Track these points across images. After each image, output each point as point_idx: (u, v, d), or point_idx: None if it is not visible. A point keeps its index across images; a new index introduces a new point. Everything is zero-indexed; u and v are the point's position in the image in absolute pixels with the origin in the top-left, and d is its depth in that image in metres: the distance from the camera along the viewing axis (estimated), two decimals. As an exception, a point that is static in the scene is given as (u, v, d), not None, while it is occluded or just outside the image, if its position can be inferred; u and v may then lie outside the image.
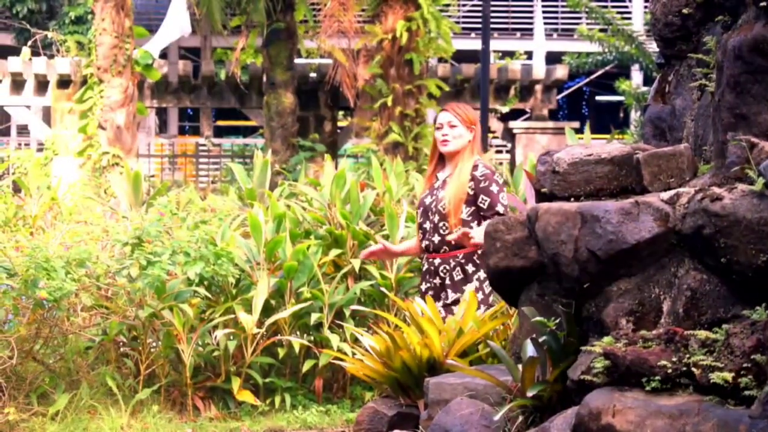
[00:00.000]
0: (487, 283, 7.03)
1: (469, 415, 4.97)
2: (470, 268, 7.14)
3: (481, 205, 7.13)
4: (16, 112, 25.24)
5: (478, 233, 6.82)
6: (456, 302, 6.97)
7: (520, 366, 5.03)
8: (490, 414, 4.94)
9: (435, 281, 7.24)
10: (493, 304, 6.89)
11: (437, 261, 7.23)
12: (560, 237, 4.84)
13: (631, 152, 5.13)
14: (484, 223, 6.80)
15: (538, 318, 4.99)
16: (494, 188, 7.15)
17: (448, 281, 7.16)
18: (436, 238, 7.23)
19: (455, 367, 5.54)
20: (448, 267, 7.18)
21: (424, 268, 7.41)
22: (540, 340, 4.95)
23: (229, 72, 23.01)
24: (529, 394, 4.88)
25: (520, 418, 4.97)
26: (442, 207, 7.19)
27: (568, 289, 4.94)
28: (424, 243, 7.35)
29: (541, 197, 5.28)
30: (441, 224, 7.21)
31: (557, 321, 4.95)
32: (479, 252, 7.04)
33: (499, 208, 7.10)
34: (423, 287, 7.35)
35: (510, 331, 6.17)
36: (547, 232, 4.92)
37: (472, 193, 7.14)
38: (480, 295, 7.00)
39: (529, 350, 4.97)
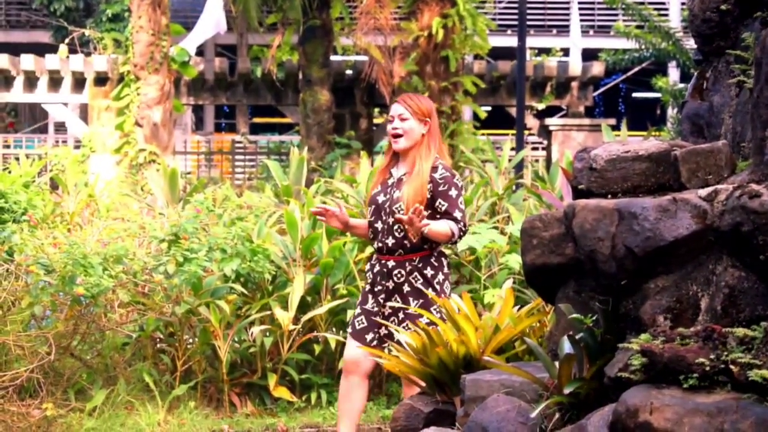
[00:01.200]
0: (446, 285, 6.89)
1: (505, 412, 4.97)
2: (429, 271, 6.84)
3: (438, 208, 6.77)
4: (53, 109, 25.39)
5: (434, 225, 6.63)
6: (425, 305, 6.74)
7: (556, 363, 5.02)
8: (527, 411, 4.93)
9: (387, 284, 6.88)
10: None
11: (391, 263, 6.88)
12: (597, 234, 4.83)
13: (669, 149, 5.11)
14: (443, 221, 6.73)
15: (574, 315, 4.98)
16: (453, 192, 6.79)
17: (407, 288, 6.83)
18: (390, 241, 6.88)
19: (492, 363, 5.54)
20: (403, 271, 6.84)
21: (375, 269, 6.98)
22: (577, 337, 4.94)
23: (265, 69, 23.03)
24: (566, 391, 4.87)
25: (557, 415, 4.96)
26: (398, 209, 6.80)
27: (605, 286, 4.92)
28: (377, 244, 6.97)
29: (577, 194, 5.27)
30: (396, 226, 6.85)
31: (594, 318, 4.95)
32: (435, 254, 6.89)
33: (457, 214, 6.76)
34: (374, 288, 6.98)
35: (546, 328, 6.16)
36: (584, 228, 4.90)
37: (429, 195, 6.78)
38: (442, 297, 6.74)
39: (566, 347, 4.96)
